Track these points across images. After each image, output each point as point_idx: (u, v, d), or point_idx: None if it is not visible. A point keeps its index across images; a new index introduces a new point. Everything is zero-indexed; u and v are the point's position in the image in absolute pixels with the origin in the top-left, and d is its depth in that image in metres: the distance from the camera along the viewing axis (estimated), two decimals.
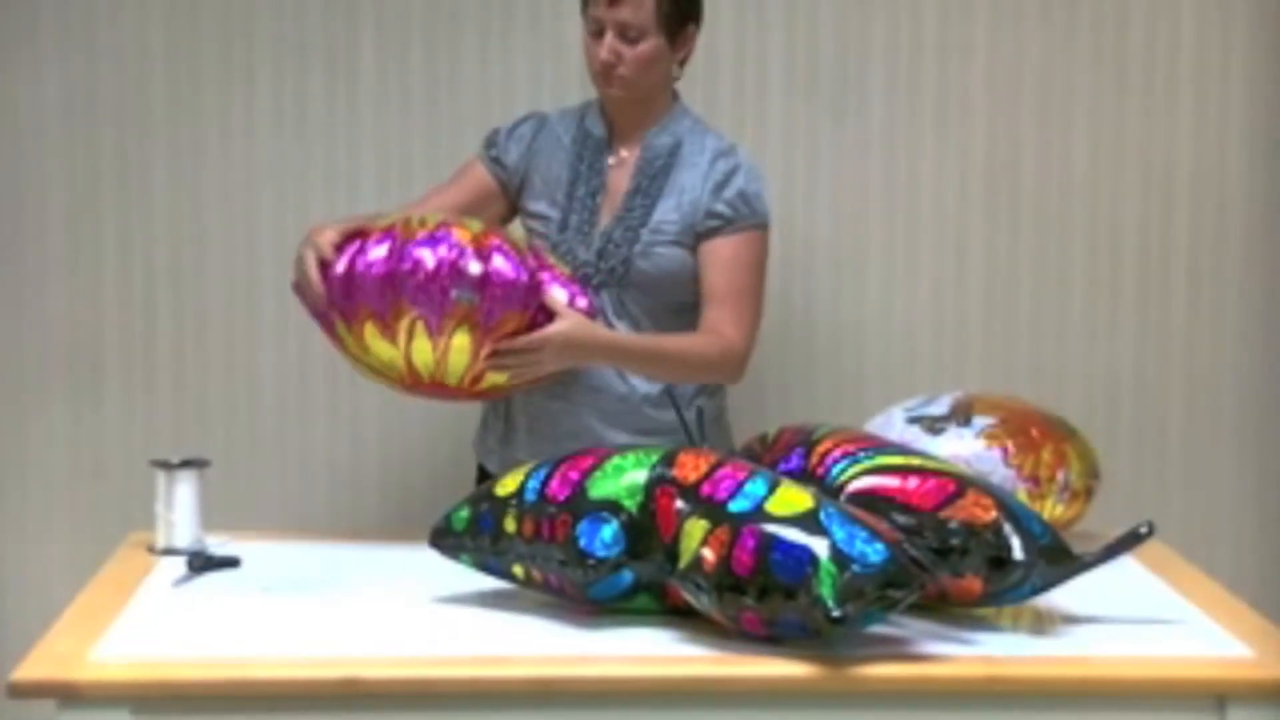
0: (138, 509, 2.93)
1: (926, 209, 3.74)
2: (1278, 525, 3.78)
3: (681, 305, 3.07)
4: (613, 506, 2.36)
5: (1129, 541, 2.40)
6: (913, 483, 2.45)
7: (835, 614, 2.16)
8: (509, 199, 3.15)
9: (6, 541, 3.74)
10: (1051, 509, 2.79)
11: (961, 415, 2.85)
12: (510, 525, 2.41)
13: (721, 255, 3.02)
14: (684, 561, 2.29)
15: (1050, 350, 3.76)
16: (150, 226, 3.69)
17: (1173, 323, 3.76)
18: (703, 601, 2.28)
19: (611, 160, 3.10)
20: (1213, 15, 3.70)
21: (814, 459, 2.59)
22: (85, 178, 3.67)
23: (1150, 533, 2.40)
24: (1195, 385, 3.77)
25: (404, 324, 2.79)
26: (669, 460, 2.39)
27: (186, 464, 2.75)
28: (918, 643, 2.30)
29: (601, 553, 2.34)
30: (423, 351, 2.80)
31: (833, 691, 2.21)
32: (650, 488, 2.36)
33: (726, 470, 2.35)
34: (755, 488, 2.30)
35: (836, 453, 2.57)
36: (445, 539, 2.49)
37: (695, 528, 2.29)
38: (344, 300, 2.82)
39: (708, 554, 2.25)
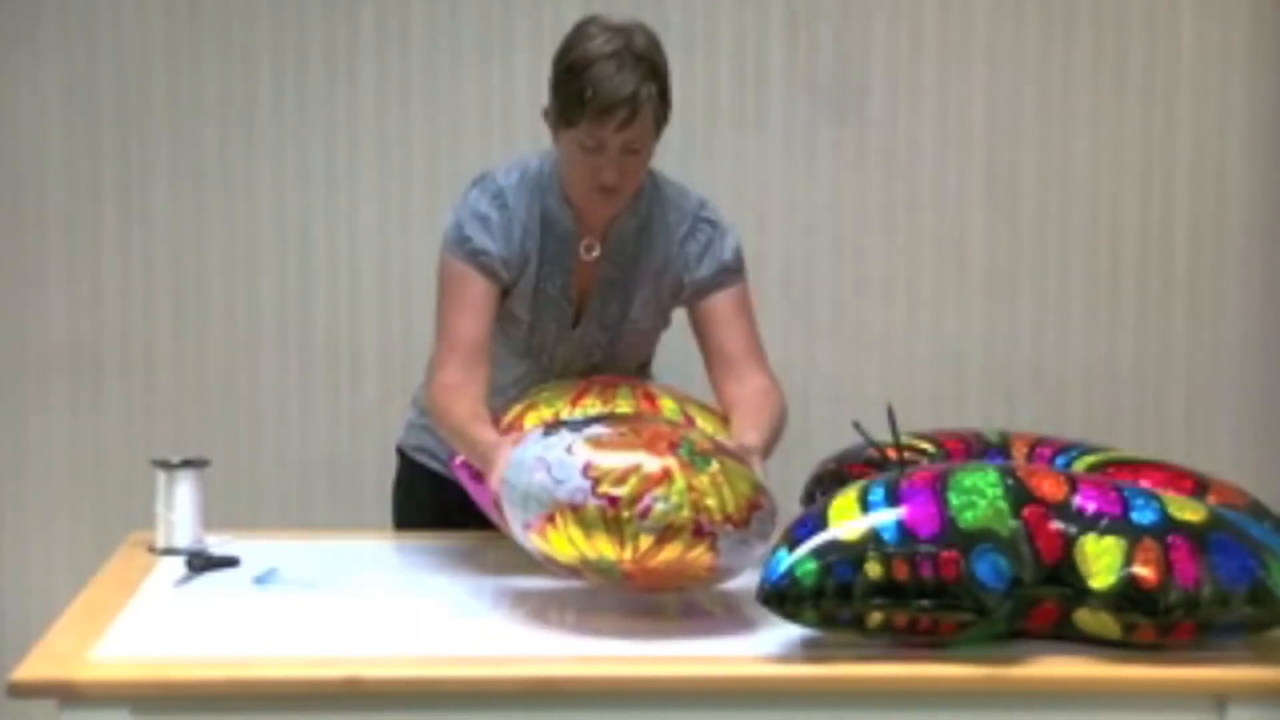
0: (138, 509, 2.93)
1: (926, 209, 3.74)
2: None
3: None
4: (990, 535, 2.20)
5: None
6: (1155, 477, 2.43)
7: None
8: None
9: (6, 541, 3.74)
10: None
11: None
12: (874, 570, 2.17)
13: (726, 312, 2.79)
14: (1101, 582, 2.22)
15: (1050, 350, 3.76)
16: (150, 226, 3.69)
17: (1173, 322, 3.76)
18: (1126, 619, 2.22)
19: (582, 254, 2.78)
20: (1213, 15, 3.70)
21: (1018, 458, 2.56)
22: (85, 178, 3.67)
23: None
24: (1195, 385, 3.77)
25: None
26: (1018, 477, 2.27)
27: (186, 464, 2.75)
28: None
29: (999, 585, 2.20)
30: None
31: (832, 691, 2.21)
32: (1017, 509, 2.23)
33: (1085, 486, 2.28)
34: (1139, 497, 2.26)
35: (1046, 451, 2.56)
36: (786, 599, 2.19)
37: (1102, 545, 2.22)
38: None
39: (1143, 570, 2.20)
